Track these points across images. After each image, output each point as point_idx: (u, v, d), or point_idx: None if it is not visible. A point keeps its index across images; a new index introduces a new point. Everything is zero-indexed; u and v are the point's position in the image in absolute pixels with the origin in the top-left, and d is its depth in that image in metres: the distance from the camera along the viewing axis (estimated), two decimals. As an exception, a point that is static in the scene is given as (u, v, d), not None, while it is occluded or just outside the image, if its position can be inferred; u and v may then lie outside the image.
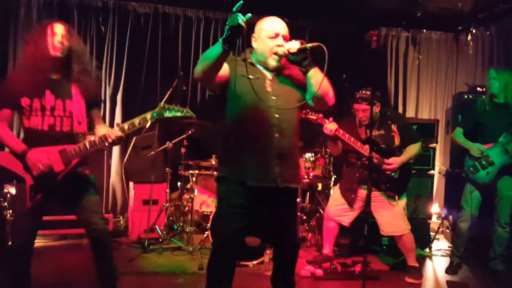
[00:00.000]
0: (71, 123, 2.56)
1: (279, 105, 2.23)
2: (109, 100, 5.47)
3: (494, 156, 3.66)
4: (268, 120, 2.22)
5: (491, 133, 3.72)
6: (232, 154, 2.28)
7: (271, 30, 2.29)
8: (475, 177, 3.72)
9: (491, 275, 3.82)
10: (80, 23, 5.38)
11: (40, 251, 4.07)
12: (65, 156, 2.51)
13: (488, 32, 5.76)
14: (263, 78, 2.30)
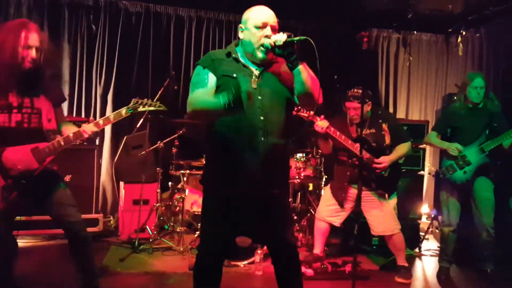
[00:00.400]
0: (39, 120, 2.54)
1: (265, 105, 2.13)
2: (100, 99, 5.44)
3: (471, 156, 3.69)
4: (253, 123, 2.11)
5: (467, 136, 3.72)
6: (215, 157, 2.23)
7: (259, 20, 2.15)
8: (452, 177, 3.72)
9: (481, 275, 3.85)
10: (70, 22, 5.34)
11: (29, 250, 4.06)
12: (39, 154, 2.49)
13: (478, 34, 5.82)
14: (249, 75, 2.17)
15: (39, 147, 2.50)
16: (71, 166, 4.35)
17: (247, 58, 2.22)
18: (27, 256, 3.88)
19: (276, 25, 2.19)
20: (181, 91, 5.64)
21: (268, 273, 3.74)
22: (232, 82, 2.09)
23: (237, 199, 2.16)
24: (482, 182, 3.73)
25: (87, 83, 5.42)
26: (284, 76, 2.22)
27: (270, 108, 2.14)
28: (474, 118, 3.74)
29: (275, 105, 2.17)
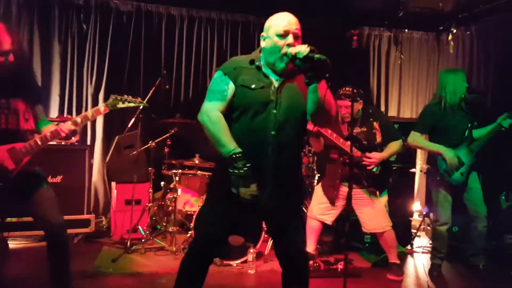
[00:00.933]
0: (16, 120, 2.50)
1: (279, 119, 2.07)
2: (91, 98, 5.40)
3: (463, 156, 3.70)
4: (263, 137, 2.08)
5: (454, 136, 3.71)
6: (223, 168, 2.11)
7: (280, 27, 2.09)
8: (452, 180, 3.72)
9: (472, 271, 3.89)
10: (61, 21, 5.30)
11: (21, 252, 4.04)
12: (15, 155, 2.45)
13: (469, 32, 5.85)
14: (268, 86, 2.12)
15: (16, 147, 2.46)
16: (62, 167, 4.32)
17: (268, 67, 2.16)
18: (18, 257, 3.86)
19: (299, 31, 2.14)
20: (173, 90, 5.63)
21: (260, 272, 3.75)
22: (250, 94, 2.07)
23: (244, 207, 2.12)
24: (471, 176, 3.77)
25: (78, 83, 5.38)
26: (304, 89, 2.14)
27: (284, 122, 2.10)
28: (457, 117, 3.71)
29: (289, 119, 2.12)
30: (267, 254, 4.06)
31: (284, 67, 2.10)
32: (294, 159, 2.18)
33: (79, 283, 3.32)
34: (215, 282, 3.49)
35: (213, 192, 2.29)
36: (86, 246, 4.36)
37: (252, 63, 2.17)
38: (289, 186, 2.18)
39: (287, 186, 2.17)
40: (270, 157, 2.08)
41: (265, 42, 2.16)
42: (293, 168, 2.19)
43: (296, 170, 2.25)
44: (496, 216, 4.50)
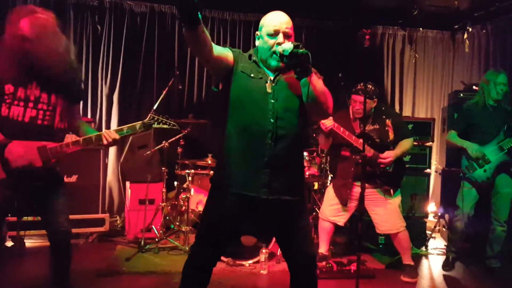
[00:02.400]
0: (52, 117, 2.47)
1: (278, 109, 2.08)
2: (106, 99, 5.47)
3: (490, 154, 3.72)
4: (262, 125, 2.07)
5: (486, 133, 3.77)
6: (224, 158, 2.17)
7: (271, 27, 2.12)
8: (473, 176, 3.75)
9: (488, 273, 3.85)
10: (76, 22, 5.37)
11: (37, 250, 4.10)
12: (45, 154, 2.42)
13: (484, 31, 5.77)
14: (265, 79, 2.14)
15: (47, 146, 2.42)
16: (78, 166, 4.38)
17: (263, 64, 2.20)
18: (35, 256, 3.92)
19: (290, 30, 2.15)
20: (186, 91, 5.66)
21: (273, 272, 3.75)
22: (248, 82, 2.09)
23: (243, 202, 2.12)
24: (503, 179, 3.77)
25: (93, 83, 5.45)
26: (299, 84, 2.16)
27: (283, 112, 2.10)
28: (492, 116, 3.76)
29: (288, 110, 2.11)
30: (279, 254, 4.05)
31: (277, 65, 2.13)
32: (293, 149, 2.15)
33: (93, 282, 3.37)
34: (227, 282, 3.51)
35: (213, 194, 2.25)
36: (100, 245, 4.41)
37: (250, 58, 2.21)
38: (290, 176, 2.15)
39: (286, 175, 2.14)
40: (269, 145, 2.07)
41: (259, 41, 2.20)
42: (293, 158, 2.16)
43: (296, 161, 2.22)
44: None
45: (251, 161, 2.09)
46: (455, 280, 3.81)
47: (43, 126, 2.44)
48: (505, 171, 3.76)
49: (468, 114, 3.86)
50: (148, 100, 5.40)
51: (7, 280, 3.30)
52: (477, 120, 3.80)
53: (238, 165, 2.11)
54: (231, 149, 2.13)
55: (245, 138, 2.09)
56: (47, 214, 2.52)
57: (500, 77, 3.74)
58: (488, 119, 3.75)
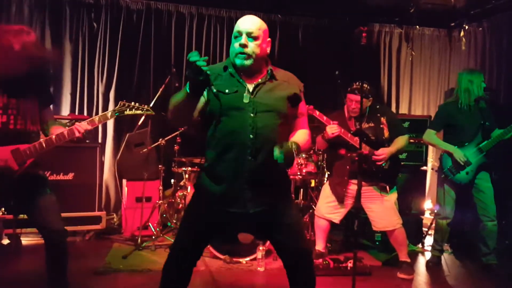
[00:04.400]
0: (24, 122, 2.51)
1: (256, 122, 2.05)
2: (102, 97, 5.44)
3: (470, 156, 3.78)
4: (242, 141, 2.05)
5: (464, 134, 3.82)
6: (207, 172, 2.17)
7: (236, 28, 2.14)
8: (456, 178, 3.82)
9: (485, 270, 3.86)
10: (72, 20, 5.34)
11: (34, 248, 4.09)
12: (19, 156, 2.44)
13: (481, 28, 5.78)
14: (242, 91, 2.10)
15: (20, 148, 2.45)
16: (74, 164, 4.38)
17: (235, 69, 2.16)
18: (32, 254, 3.91)
19: (256, 31, 2.11)
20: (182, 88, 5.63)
21: (270, 270, 3.76)
22: (225, 98, 2.06)
23: (226, 216, 2.13)
24: (482, 175, 3.83)
25: (89, 81, 5.43)
26: (282, 90, 2.17)
27: (262, 126, 2.07)
28: (470, 116, 3.80)
29: (268, 122, 2.09)
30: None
31: (242, 64, 2.09)
32: (274, 162, 2.06)
33: (90, 280, 3.37)
34: (225, 279, 3.51)
35: (196, 197, 2.25)
36: (97, 243, 4.41)
37: (225, 69, 2.18)
38: (272, 187, 2.15)
39: (270, 187, 2.14)
40: (249, 161, 2.06)
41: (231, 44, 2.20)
42: (275, 169, 2.09)
43: (279, 173, 2.20)
44: (509, 215, 4.46)
45: (233, 178, 2.09)
46: (451, 277, 3.83)
47: (16, 130, 2.48)
48: (483, 169, 3.82)
49: (448, 114, 3.89)
50: (144, 97, 5.38)
51: (3, 278, 3.29)
52: (456, 121, 3.83)
53: (220, 181, 2.11)
54: (213, 164, 2.14)
55: (226, 155, 2.09)
56: (37, 216, 2.53)
57: (481, 76, 3.84)
58: (467, 120, 3.80)
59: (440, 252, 4.08)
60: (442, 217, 3.97)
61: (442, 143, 3.90)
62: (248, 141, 2.06)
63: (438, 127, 3.97)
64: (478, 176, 3.81)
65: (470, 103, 3.80)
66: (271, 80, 2.17)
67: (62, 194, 4.06)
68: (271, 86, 2.16)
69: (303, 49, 5.91)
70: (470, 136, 3.80)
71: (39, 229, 2.59)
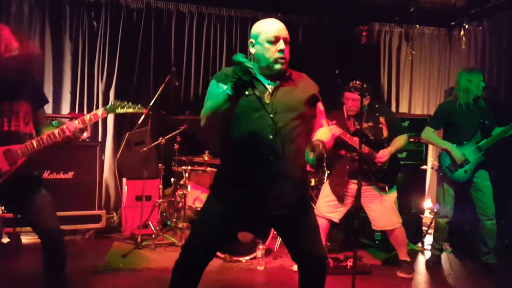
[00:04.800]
0: (18, 124, 2.52)
1: (277, 123, 2.06)
2: (102, 96, 5.44)
3: (469, 155, 3.80)
4: (262, 142, 2.05)
5: (463, 132, 3.84)
6: (227, 173, 2.19)
7: (271, 33, 2.11)
8: (454, 176, 3.83)
9: (484, 269, 3.87)
10: (72, 19, 5.34)
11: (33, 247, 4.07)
12: (10, 156, 2.46)
13: (481, 27, 5.77)
14: (262, 92, 2.11)
15: (11, 149, 2.46)
16: (74, 163, 4.39)
17: (261, 72, 2.17)
18: (32, 252, 3.91)
19: (288, 36, 2.17)
20: (182, 87, 5.65)
21: (269, 269, 3.76)
22: (244, 100, 2.05)
23: (247, 216, 2.15)
24: (481, 174, 3.84)
25: (89, 80, 5.42)
26: (301, 91, 2.18)
27: (282, 126, 2.08)
28: (470, 115, 3.82)
29: (287, 123, 2.10)
30: (276, 250, 4.07)
31: (281, 69, 2.13)
32: (296, 161, 2.12)
33: (90, 278, 3.37)
34: (224, 278, 3.52)
35: (215, 196, 2.24)
36: (97, 242, 4.41)
37: None
38: (292, 189, 2.14)
39: (291, 189, 2.13)
40: (269, 162, 2.06)
41: (255, 48, 2.17)
42: (296, 170, 2.14)
43: (300, 172, 2.19)
44: (509, 214, 4.46)
45: (253, 178, 2.08)
46: (451, 276, 3.83)
47: (10, 132, 2.49)
48: (482, 167, 3.83)
49: (447, 113, 3.90)
50: (145, 96, 5.37)
51: (3, 277, 3.29)
52: (455, 119, 3.85)
53: (240, 182, 2.11)
54: (235, 166, 2.14)
55: (246, 157, 2.09)
56: (32, 216, 2.53)
57: (480, 75, 3.84)
58: (466, 118, 3.81)
59: (439, 251, 4.10)
60: (442, 215, 3.99)
61: (440, 141, 3.92)
62: (268, 142, 2.06)
63: (437, 125, 3.98)
64: (476, 174, 3.82)
65: (469, 102, 3.81)
66: (289, 81, 2.19)
67: (62, 193, 4.13)
68: (289, 87, 2.17)
69: (303, 49, 5.90)
70: (469, 135, 3.81)
71: (34, 229, 2.59)
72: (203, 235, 2.20)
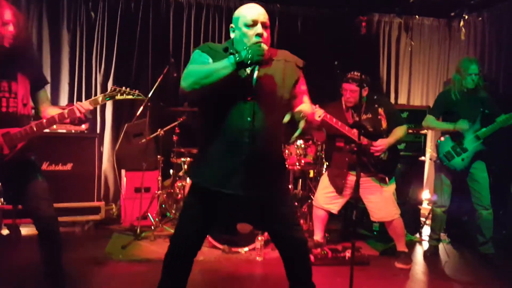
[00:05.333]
0: (16, 105, 2.47)
1: (255, 105, 2.05)
2: (100, 87, 5.42)
3: (467, 143, 3.81)
4: (239, 123, 2.05)
5: None
6: (202, 155, 2.19)
7: (249, 18, 2.10)
8: (451, 164, 3.84)
9: (482, 260, 3.90)
10: (69, 9, 5.30)
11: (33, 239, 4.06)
12: (9, 140, 2.42)
13: (480, 18, 5.75)
14: (242, 73, 2.09)
15: (10, 132, 2.42)
16: (73, 155, 4.38)
17: None
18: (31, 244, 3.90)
19: (267, 21, 2.14)
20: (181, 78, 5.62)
21: (268, 259, 3.78)
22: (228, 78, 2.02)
23: (222, 199, 2.12)
24: (478, 165, 3.85)
25: (87, 71, 5.40)
26: (281, 75, 2.16)
27: (260, 109, 2.07)
28: (468, 104, 3.82)
29: (266, 105, 2.09)
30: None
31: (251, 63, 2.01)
32: (273, 146, 2.15)
33: (89, 269, 3.39)
34: (223, 269, 3.53)
35: (191, 186, 2.25)
36: (96, 233, 4.42)
37: (226, 50, 2.17)
38: (268, 172, 2.16)
39: (267, 172, 2.14)
40: (247, 144, 2.06)
41: (235, 33, 2.17)
42: (273, 155, 2.17)
43: (276, 157, 2.22)
44: (507, 205, 4.48)
45: (229, 160, 2.08)
46: (448, 266, 3.86)
47: (8, 114, 2.45)
48: (480, 158, 3.84)
49: (445, 101, 3.93)
50: (143, 87, 5.35)
51: (2, 268, 3.30)
52: (454, 108, 3.86)
53: (216, 163, 2.11)
54: (210, 146, 2.13)
55: (223, 137, 2.09)
56: (27, 202, 2.51)
57: (472, 67, 3.78)
58: (464, 107, 3.81)
59: (437, 241, 4.12)
60: (438, 205, 4.02)
61: (442, 124, 3.97)
62: (246, 124, 2.05)
63: (436, 113, 4.00)
64: (473, 165, 3.83)
65: (463, 90, 3.81)
66: (269, 63, 2.13)
67: (61, 185, 4.13)
68: (270, 69, 2.14)
69: (302, 39, 5.87)
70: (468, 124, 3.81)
71: (30, 215, 2.55)
72: (185, 224, 2.21)
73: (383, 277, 3.52)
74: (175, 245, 2.23)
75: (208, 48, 2.16)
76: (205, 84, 1.98)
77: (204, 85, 1.98)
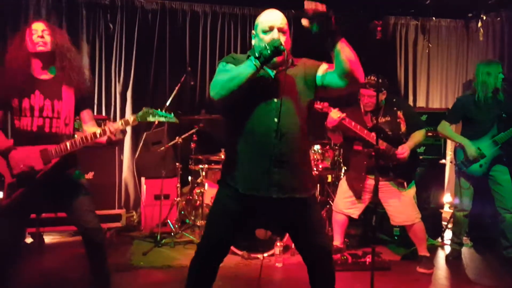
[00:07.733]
0: (59, 125, 2.57)
1: (281, 107, 2.06)
2: (120, 97, 5.52)
3: (485, 149, 3.75)
4: (267, 124, 2.08)
5: (480, 127, 3.79)
6: (231, 159, 2.20)
7: (265, 24, 2.15)
8: (469, 171, 3.80)
9: (506, 263, 3.82)
10: (88, 21, 5.43)
11: (56, 246, 4.19)
12: (45, 156, 2.51)
13: (499, 18, 5.67)
14: (266, 77, 2.15)
15: (48, 148, 2.52)
16: (94, 164, 4.44)
17: None
18: (54, 252, 4.00)
19: (285, 26, 2.18)
20: (198, 87, 5.69)
21: (288, 265, 3.77)
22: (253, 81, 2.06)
23: (252, 202, 2.13)
24: (498, 168, 3.79)
25: (107, 82, 5.51)
26: (303, 75, 2.20)
27: (287, 110, 2.10)
28: (487, 109, 3.76)
29: (292, 107, 2.13)
30: (294, 247, 4.06)
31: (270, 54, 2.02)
32: (299, 146, 2.16)
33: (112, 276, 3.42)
34: (243, 275, 3.54)
35: (221, 192, 2.26)
36: (118, 240, 4.48)
37: (248, 58, 2.18)
38: (296, 173, 2.15)
39: (295, 173, 2.14)
40: (275, 145, 2.07)
41: (255, 40, 2.23)
42: (300, 155, 2.17)
43: (303, 158, 2.22)
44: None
45: (258, 162, 2.10)
46: (471, 270, 3.79)
47: (51, 134, 2.55)
48: (499, 162, 3.78)
49: (464, 107, 3.86)
50: (161, 96, 5.43)
51: (26, 277, 3.36)
52: (472, 114, 3.80)
53: (245, 167, 2.13)
54: (239, 150, 2.15)
55: (251, 139, 2.12)
56: (72, 214, 2.62)
57: (499, 67, 3.76)
58: (483, 113, 3.76)
59: (459, 246, 4.06)
60: (459, 209, 3.96)
61: (455, 135, 3.90)
62: (273, 124, 2.07)
63: (453, 119, 3.94)
64: (494, 168, 3.77)
65: (487, 95, 3.75)
66: (292, 66, 2.21)
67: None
68: (292, 71, 2.19)
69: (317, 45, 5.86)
70: (485, 129, 3.77)
71: (76, 226, 2.69)
72: (216, 231, 2.22)
73: (405, 282, 3.48)
74: (203, 251, 2.24)
75: (232, 58, 2.21)
76: (231, 88, 2.00)
77: (231, 90, 2.00)
